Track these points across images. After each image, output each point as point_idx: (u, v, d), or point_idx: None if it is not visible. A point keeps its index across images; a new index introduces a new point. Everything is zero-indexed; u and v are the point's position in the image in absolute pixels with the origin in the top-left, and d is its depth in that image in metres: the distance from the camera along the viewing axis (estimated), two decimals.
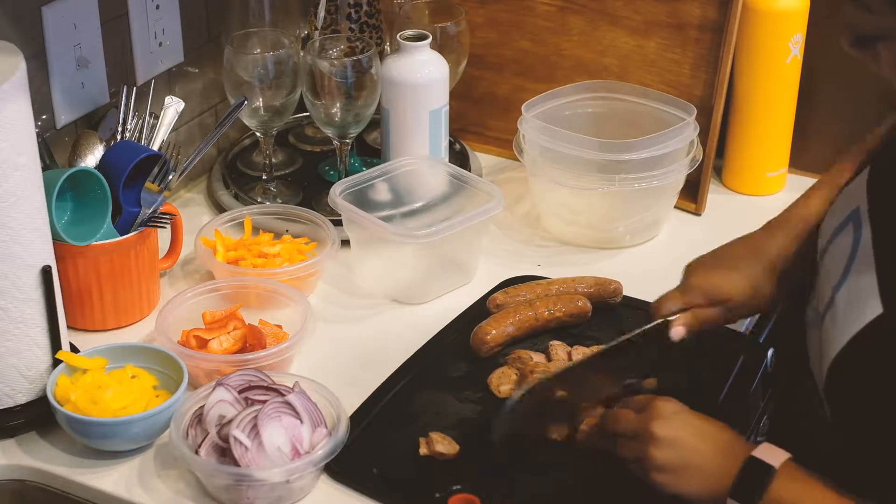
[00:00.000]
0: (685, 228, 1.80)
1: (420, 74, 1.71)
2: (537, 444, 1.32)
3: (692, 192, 1.81)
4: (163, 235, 1.60)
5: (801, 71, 1.81)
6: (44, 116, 1.56)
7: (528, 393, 1.30)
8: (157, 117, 1.61)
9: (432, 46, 1.73)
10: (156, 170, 1.52)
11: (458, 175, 1.69)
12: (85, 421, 1.30)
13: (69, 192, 1.46)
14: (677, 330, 1.34)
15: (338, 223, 1.64)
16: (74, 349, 1.42)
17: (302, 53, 1.70)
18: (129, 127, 1.59)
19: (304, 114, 1.80)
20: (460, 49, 1.82)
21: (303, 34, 1.86)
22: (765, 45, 1.78)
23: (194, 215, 1.78)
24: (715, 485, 1.17)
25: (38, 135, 1.43)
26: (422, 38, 1.72)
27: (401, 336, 1.53)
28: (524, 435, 1.31)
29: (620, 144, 1.65)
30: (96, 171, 1.47)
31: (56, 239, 1.39)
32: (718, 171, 1.90)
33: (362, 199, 1.64)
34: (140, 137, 1.59)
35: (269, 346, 1.44)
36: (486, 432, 1.31)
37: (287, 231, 1.68)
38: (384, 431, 1.36)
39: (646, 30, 1.83)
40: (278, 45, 1.70)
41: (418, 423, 1.37)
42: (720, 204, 1.85)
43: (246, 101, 1.64)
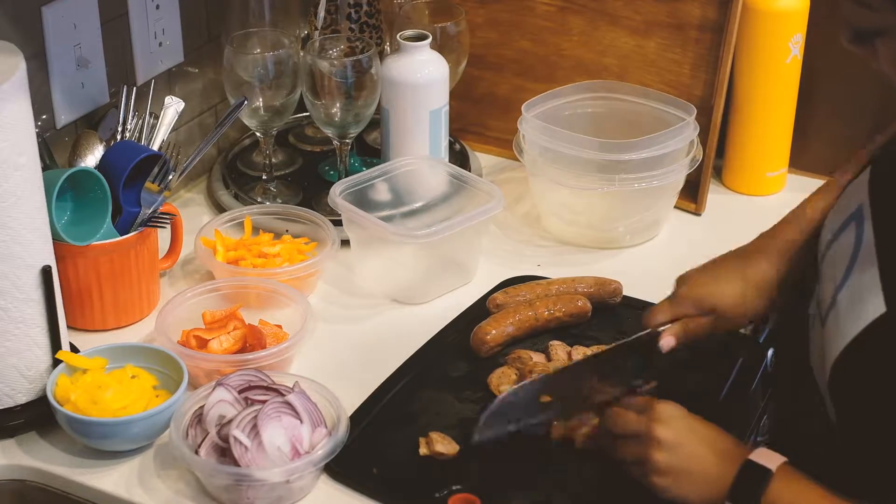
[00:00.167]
0: (685, 228, 1.80)
1: (420, 74, 1.71)
2: (528, 444, 1.32)
3: (692, 192, 1.81)
4: (163, 235, 1.60)
5: (801, 71, 1.81)
6: (44, 116, 1.56)
7: (512, 395, 1.30)
8: (157, 117, 1.61)
9: (432, 46, 1.73)
10: (156, 170, 1.52)
11: (458, 175, 1.69)
12: (85, 421, 1.30)
13: (69, 192, 1.46)
14: (667, 340, 1.35)
15: (338, 223, 1.64)
16: (74, 349, 1.42)
17: (302, 53, 1.70)
18: (129, 127, 1.59)
19: (304, 114, 1.80)
20: (460, 49, 1.82)
21: (303, 34, 1.86)
22: (765, 45, 1.78)
23: (194, 215, 1.78)
24: (713, 489, 1.17)
25: (38, 135, 1.43)
26: (422, 38, 1.72)
27: (401, 336, 1.53)
28: (506, 436, 1.30)
29: (620, 144, 1.65)
30: (96, 171, 1.46)
31: (56, 239, 1.39)
32: (718, 171, 1.90)
33: (362, 199, 1.64)
34: (140, 137, 1.59)
35: (269, 346, 1.44)
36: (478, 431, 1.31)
37: (287, 231, 1.68)
38: (384, 431, 1.36)
39: (646, 30, 1.82)
40: (278, 45, 1.70)
41: (418, 423, 1.37)
42: (720, 204, 1.85)
43: (246, 101, 1.64)
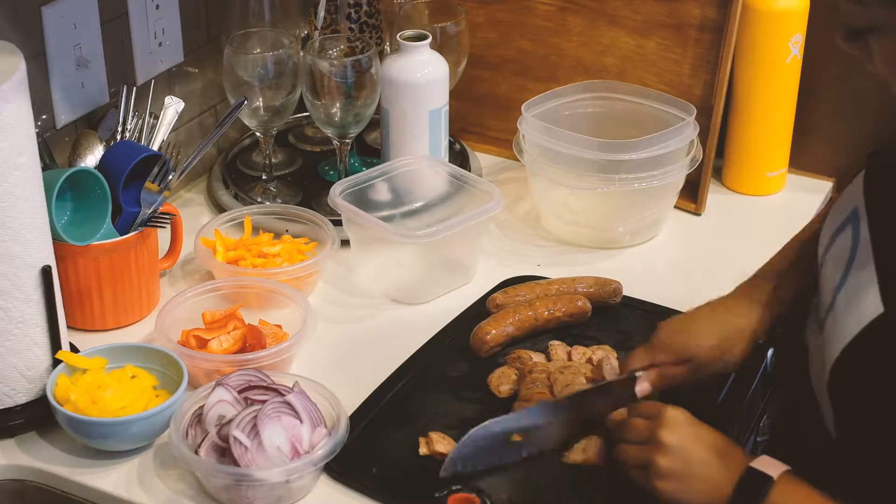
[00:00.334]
0: (685, 228, 1.79)
1: (420, 74, 1.71)
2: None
3: (692, 192, 1.81)
4: (163, 235, 1.60)
5: (801, 71, 1.81)
6: (44, 116, 1.56)
7: (482, 430, 1.29)
8: (156, 117, 1.61)
9: (432, 46, 1.73)
10: (156, 170, 1.52)
11: (458, 175, 1.69)
12: (85, 421, 1.30)
13: (69, 192, 1.46)
14: (643, 386, 1.34)
15: (338, 223, 1.64)
16: (74, 349, 1.42)
17: (302, 53, 1.70)
18: (128, 127, 1.59)
19: (304, 114, 1.80)
20: (460, 49, 1.82)
21: (303, 34, 1.86)
22: (765, 45, 1.78)
23: (194, 215, 1.78)
24: (715, 494, 1.17)
25: (38, 135, 1.43)
26: (422, 38, 1.72)
27: (401, 336, 1.53)
28: (476, 469, 1.29)
29: (620, 144, 1.65)
30: (96, 171, 1.46)
31: (56, 239, 1.39)
32: (718, 171, 1.90)
33: (362, 199, 1.64)
34: (140, 137, 1.59)
35: (269, 346, 1.44)
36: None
37: (287, 231, 1.68)
38: (384, 431, 1.36)
39: (646, 30, 1.82)
40: (278, 45, 1.70)
41: (418, 423, 1.37)
42: (720, 204, 1.85)
43: (246, 101, 1.64)
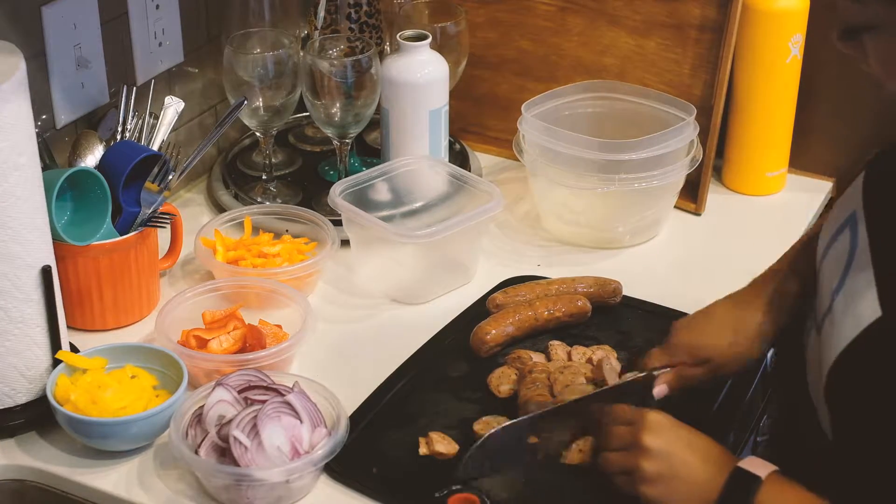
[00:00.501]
0: (685, 228, 1.79)
1: (420, 74, 1.71)
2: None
3: (692, 192, 1.81)
4: (163, 235, 1.60)
5: (801, 71, 1.81)
6: (44, 116, 1.56)
7: (500, 432, 1.29)
8: (156, 117, 1.61)
9: (432, 46, 1.73)
10: (156, 170, 1.52)
11: (458, 175, 1.69)
12: (85, 421, 1.30)
13: (69, 192, 1.46)
14: (660, 388, 1.34)
15: (338, 223, 1.64)
16: (74, 349, 1.42)
17: (302, 53, 1.70)
18: (128, 127, 1.59)
19: (304, 114, 1.80)
20: (460, 49, 1.82)
21: (303, 34, 1.86)
22: (765, 45, 1.78)
23: (194, 215, 1.78)
24: (702, 496, 1.17)
25: (38, 135, 1.43)
26: (422, 38, 1.72)
27: (401, 336, 1.53)
28: (492, 471, 1.29)
29: (620, 144, 1.65)
30: (96, 171, 1.46)
31: (56, 239, 1.39)
32: (718, 171, 1.90)
33: (362, 199, 1.64)
34: (140, 137, 1.59)
35: (269, 346, 1.44)
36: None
37: (287, 231, 1.68)
38: (384, 431, 1.36)
39: (646, 30, 1.82)
40: (278, 45, 1.70)
41: (418, 423, 1.37)
42: (720, 204, 1.85)
43: (246, 101, 1.64)
